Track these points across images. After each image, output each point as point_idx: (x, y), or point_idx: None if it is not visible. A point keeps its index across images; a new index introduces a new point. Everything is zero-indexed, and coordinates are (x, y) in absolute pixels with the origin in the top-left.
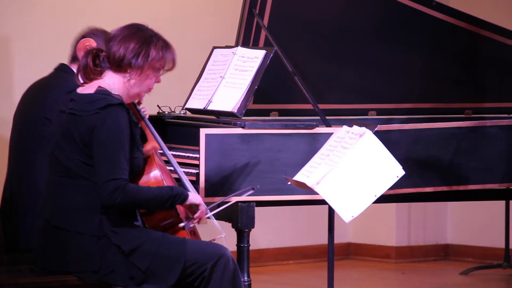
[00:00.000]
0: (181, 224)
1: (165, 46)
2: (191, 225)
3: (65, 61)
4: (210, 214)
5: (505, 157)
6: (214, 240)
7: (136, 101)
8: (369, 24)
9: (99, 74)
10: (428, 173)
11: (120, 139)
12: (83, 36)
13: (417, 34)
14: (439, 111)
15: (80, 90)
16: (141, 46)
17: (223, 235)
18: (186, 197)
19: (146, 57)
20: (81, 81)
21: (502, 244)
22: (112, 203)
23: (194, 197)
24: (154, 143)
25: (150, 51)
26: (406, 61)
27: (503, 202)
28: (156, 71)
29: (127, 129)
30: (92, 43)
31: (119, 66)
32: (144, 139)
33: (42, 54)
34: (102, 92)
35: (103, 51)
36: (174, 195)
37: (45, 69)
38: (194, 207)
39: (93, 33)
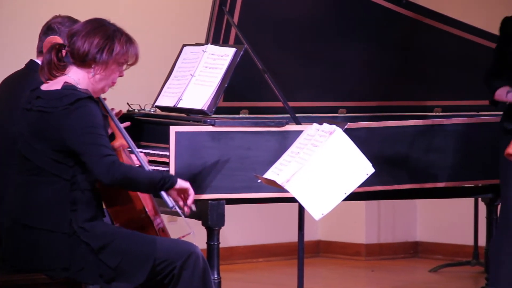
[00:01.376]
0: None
1: (129, 40)
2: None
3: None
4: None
5: (473, 155)
6: (183, 237)
7: (101, 95)
8: (338, 22)
9: (62, 70)
10: (397, 170)
11: (97, 124)
12: (50, 27)
13: (386, 32)
14: (409, 108)
15: (45, 87)
16: (105, 41)
17: (192, 232)
18: (175, 181)
19: (110, 52)
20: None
21: (471, 242)
22: (111, 179)
23: (182, 181)
24: (122, 140)
25: (114, 46)
26: (375, 59)
27: (472, 200)
28: (120, 65)
29: (101, 118)
30: (57, 40)
31: (83, 61)
32: (112, 137)
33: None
34: (69, 88)
35: (66, 46)
36: (165, 177)
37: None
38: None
39: (60, 22)
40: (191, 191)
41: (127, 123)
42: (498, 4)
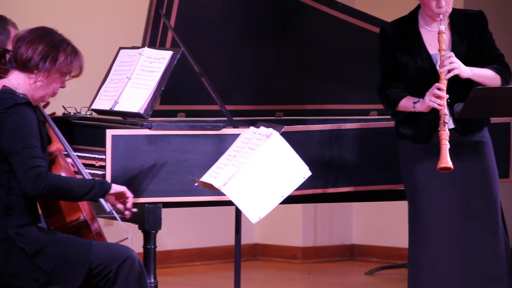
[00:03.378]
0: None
1: (74, 52)
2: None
3: None
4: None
5: None
6: (120, 242)
7: (40, 104)
8: (273, 24)
9: (4, 73)
10: (334, 174)
11: (31, 132)
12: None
13: (323, 35)
14: (345, 112)
15: None
16: (49, 49)
17: (129, 236)
18: (109, 187)
19: (54, 61)
20: None
21: (406, 244)
22: (36, 191)
23: (117, 186)
24: (58, 144)
25: (58, 55)
26: (312, 62)
27: (407, 203)
28: (63, 75)
29: (35, 126)
30: None
31: (25, 67)
32: (49, 141)
33: None
34: (7, 92)
35: (10, 51)
36: (98, 183)
37: None
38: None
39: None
40: (129, 194)
41: None
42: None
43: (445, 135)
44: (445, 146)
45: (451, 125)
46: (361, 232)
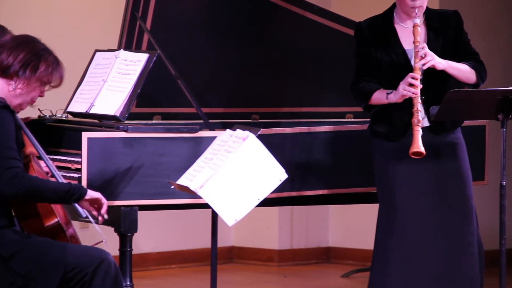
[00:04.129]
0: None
1: (55, 62)
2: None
3: None
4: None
5: None
6: (95, 245)
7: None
8: (250, 27)
9: None
10: (310, 176)
11: (8, 134)
12: None
13: (300, 38)
14: (321, 115)
15: None
16: (30, 58)
17: (104, 239)
18: (85, 191)
19: (34, 69)
20: None
21: None
22: (14, 191)
23: (92, 192)
24: (31, 148)
25: (39, 64)
26: (289, 65)
27: None
28: (42, 85)
29: (13, 128)
30: None
31: (4, 72)
32: (22, 145)
33: None
34: None
35: None
36: (74, 187)
37: None
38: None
39: None
40: (104, 201)
41: None
42: None
43: (417, 122)
44: (418, 132)
45: (426, 123)
46: (337, 235)
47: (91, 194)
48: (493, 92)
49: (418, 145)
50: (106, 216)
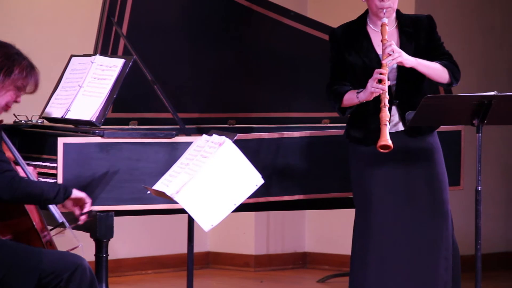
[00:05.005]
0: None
1: (30, 66)
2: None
3: None
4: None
5: None
6: (71, 250)
7: None
8: (226, 32)
9: None
10: (286, 181)
11: None
12: None
13: (277, 44)
14: (298, 120)
15: None
16: (4, 61)
17: (80, 245)
18: (71, 192)
19: (8, 73)
20: None
21: None
22: (13, 194)
23: (77, 191)
24: (8, 153)
25: (13, 68)
26: (266, 70)
27: None
28: (17, 90)
29: None
30: None
31: None
32: None
33: None
34: None
35: None
36: (62, 188)
37: None
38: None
39: None
40: (88, 200)
41: None
42: None
43: (385, 116)
44: (385, 126)
45: (401, 127)
46: (314, 240)
47: (76, 193)
48: (469, 97)
49: (386, 139)
50: (84, 217)
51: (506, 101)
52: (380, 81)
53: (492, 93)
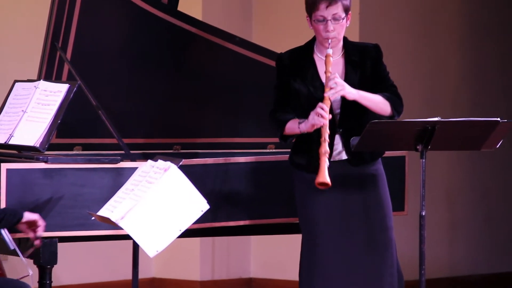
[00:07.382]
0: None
1: None
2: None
3: None
4: None
5: None
6: (21, 278)
7: None
8: (170, 57)
9: None
10: (232, 207)
11: None
12: None
13: (221, 69)
14: (243, 145)
15: None
16: None
17: (30, 273)
18: (22, 215)
19: None
20: None
21: None
22: None
23: (30, 214)
24: None
25: None
26: (210, 96)
27: None
28: None
29: None
30: None
31: None
32: None
33: None
34: None
35: None
36: (10, 211)
37: None
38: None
39: None
40: (42, 222)
41: None
42: None
43: (324, 152)
44: (324, 162)
45: (344, 156)
46: (259, 266)
47: (29, 216)
48: (412, 123)
49: (324, 175)
50: (39, 242)
51: (449, 126)
52: (321, 114)
53: (436, 118)
